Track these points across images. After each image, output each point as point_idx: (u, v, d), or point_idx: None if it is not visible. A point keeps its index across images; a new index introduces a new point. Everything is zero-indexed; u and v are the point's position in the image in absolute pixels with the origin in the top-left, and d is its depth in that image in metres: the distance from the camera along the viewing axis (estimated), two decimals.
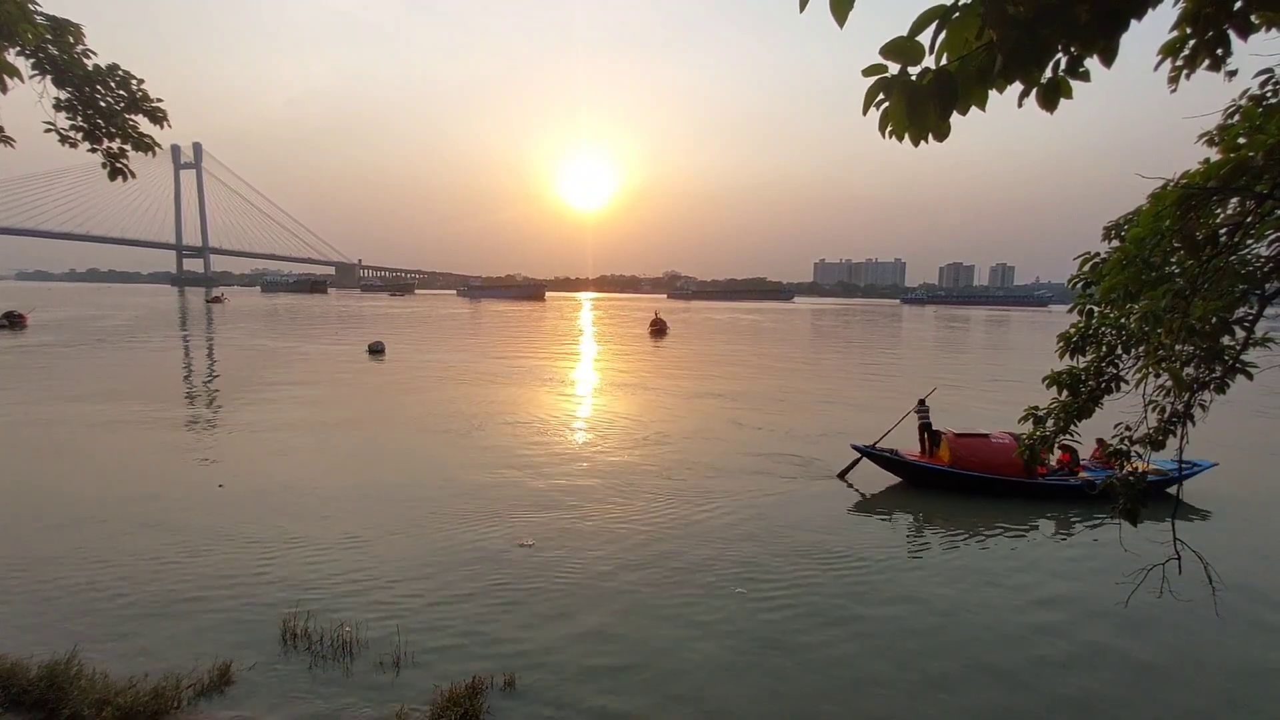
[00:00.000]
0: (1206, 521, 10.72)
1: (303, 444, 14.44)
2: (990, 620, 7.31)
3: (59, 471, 11.99)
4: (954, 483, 11.73)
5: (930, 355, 40.38)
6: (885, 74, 1.96)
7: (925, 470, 12.10)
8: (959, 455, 11.72)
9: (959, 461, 11.71)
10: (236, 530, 9.23)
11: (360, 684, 5.85)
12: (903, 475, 12.39)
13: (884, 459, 12.35)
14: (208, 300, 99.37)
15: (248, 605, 7.17)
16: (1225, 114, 3.74)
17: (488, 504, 10.64)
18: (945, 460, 11.95)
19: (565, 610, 7.28)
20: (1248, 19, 2.23)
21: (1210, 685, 6.26)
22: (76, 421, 15.93)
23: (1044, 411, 4.58)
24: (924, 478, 12.13)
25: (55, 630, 6.52)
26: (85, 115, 4.82)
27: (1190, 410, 3.81)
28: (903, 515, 11.00)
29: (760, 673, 6.22)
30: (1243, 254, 3.57)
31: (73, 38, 4.57)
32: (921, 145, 2.05)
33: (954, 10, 1.86)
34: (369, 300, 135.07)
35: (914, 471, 12.21)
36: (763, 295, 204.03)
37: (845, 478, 12.56)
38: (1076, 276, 4.33)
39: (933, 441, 12.69)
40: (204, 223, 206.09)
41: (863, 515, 10.93)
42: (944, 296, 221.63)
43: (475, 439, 15.19)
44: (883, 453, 12.39)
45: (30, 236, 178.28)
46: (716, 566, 8.49)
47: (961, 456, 11.69)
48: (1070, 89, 2.05)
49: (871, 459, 12.41)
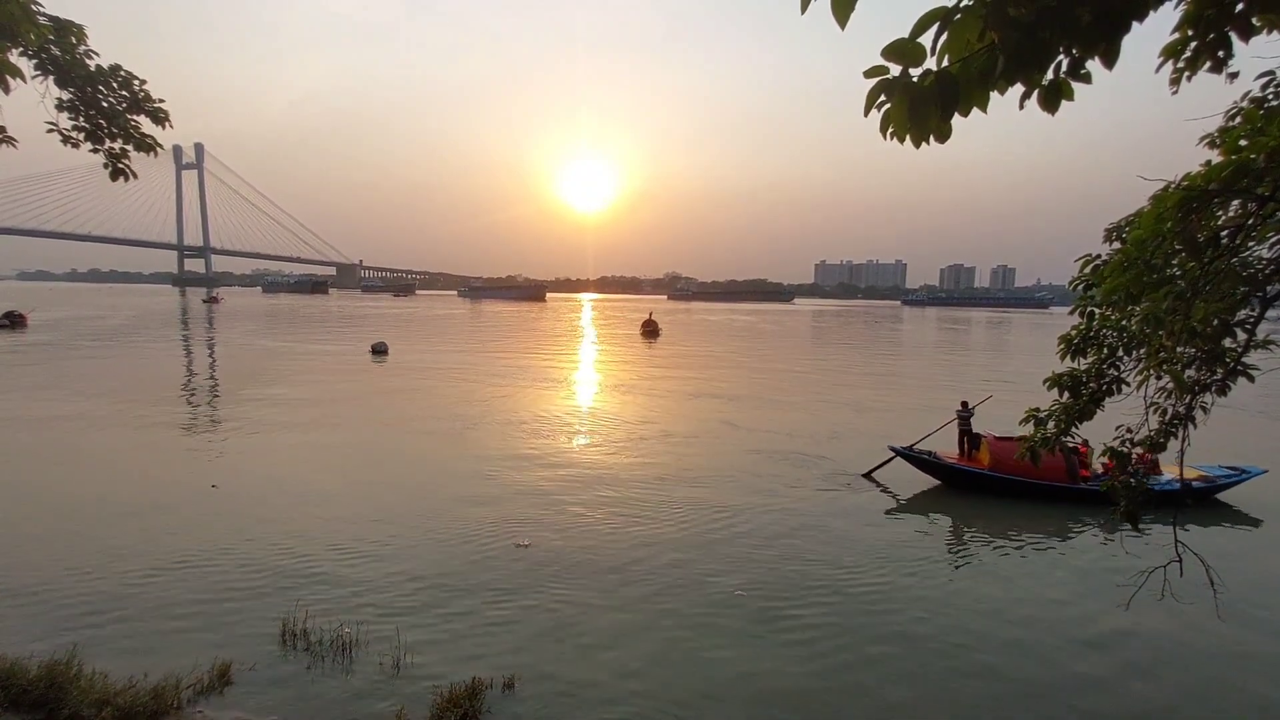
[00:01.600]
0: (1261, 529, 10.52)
1: (302, 444, 14.44)
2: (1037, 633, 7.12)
3: (56, 471, 11.99)
4: (995, 486, 11.49)
5: (930, 358, 40.36)
6: (887, 76, 1.96)
7: (965, 473, 11.89)
8: (1000, 459, 11.46)
9: (999, 465, 11.46)
10: (236, 530, 9.22)
11: (360, 684, 5.84)
12: (940, 478, 12.22)
13: (921, 461, 12.19)
14: (204, 300, 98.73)
15: (247, 606, 7.16)
16: (1226, 116, 3.74)
17: (487, 505, 10.63)
18: (985, 463, 11.74)
19: (567, 612, 7.26)
20: (1249, 21, 2.23)
21: None
22: (73, 420, 15.93)
23: (1045, 413, 4.58)
24: (963, 481, 11.92)
25: (54, 630, 6.51)
26: (87, 116, 4.82)
27: (1191, 412, 3.81)
28: (941, 518, 10.86)
29: (766, 676, 6.21)
30: (1244, 256, 3.57)
31: (75, 38, 4.57)
32: (923, 147, 2.05)
33: (955, 12, 1.86)
34: (370, 301, 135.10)
35: (953, 474, 12.01)
36: (763, 297, 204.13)
37: (872, 476, 12.45)
38: (1077, 278, 4.32)
39: (972, 444, 12.47)
40: (205, 223, 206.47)
41: (901, 517, 10.83)
42: (945, 298, 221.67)
43: (475, 440, 15.18)
44: (920, 454, 12.21)
45: (32, 236, 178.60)
46: (717, 568, 8.48)
47: (1002, 460, 11.40)
48: (1071, 91, 2.05)
49: (908, 460, 12.27)
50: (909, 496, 11.77)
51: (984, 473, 11.67)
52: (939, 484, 12.24)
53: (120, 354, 30.96)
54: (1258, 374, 3.72)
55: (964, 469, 11.95)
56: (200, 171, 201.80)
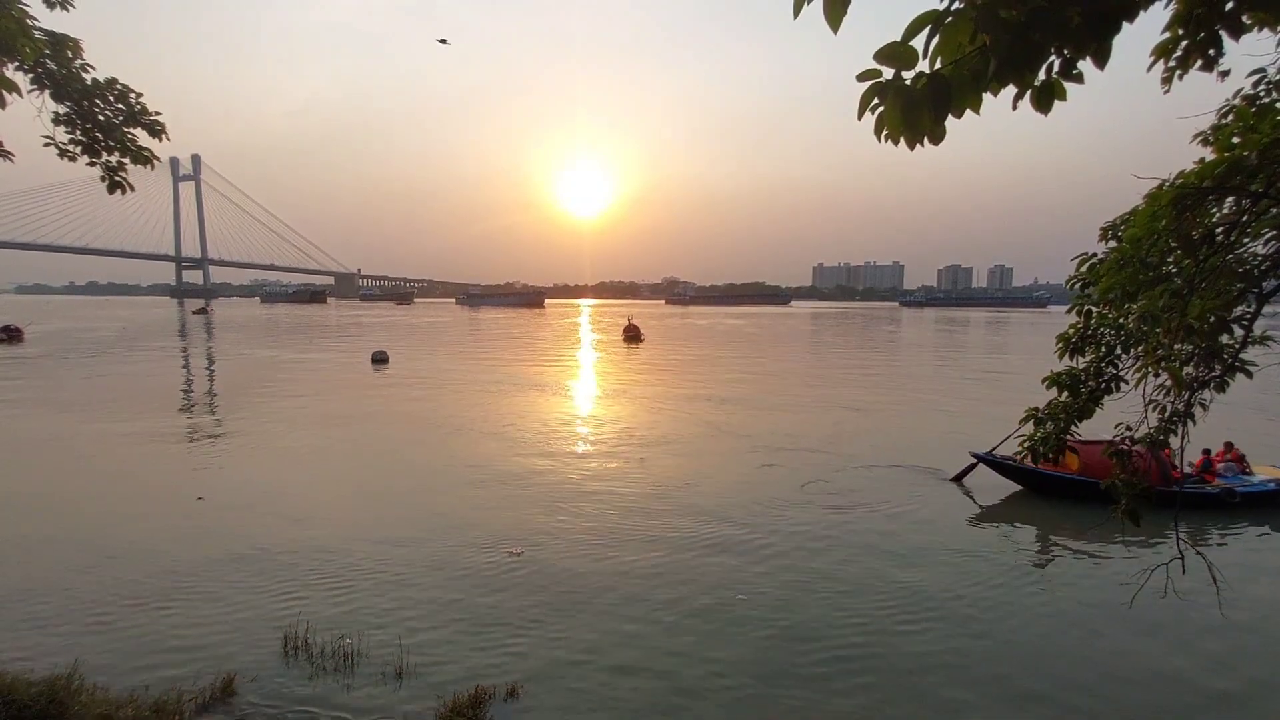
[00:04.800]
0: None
1: (299, 455, 14.42)
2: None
3: (51, 485, 11.95)
4: (1084, 492, 11.18)
5: (931, 357, 40.40)
6: (880, 79, 1.97)
7: (1054, 479, 11.64)
8: (1089, 463, 11.20)
9: (1089, 469, 11.18)
10: (235, 543, 9.20)
11: (363, 694, 5.82)
12: (1025, 483, 12.04)
13: (1005, 466, 12.00)
14: (194, 312, 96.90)
15: (248, 618, 7.13)
16: (1219, 114, 3.75)
17: (485, 511, 10.62)
18: (1074, 468, 11.53)
19: (569, 619, 7.24)
20: (1239, 19, 2.23)
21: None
22: (70, 433, 15.90)
23: (1044, 412, 4.57)
24: (1051, 486, 11.70)
25: (55, 644, 6.49)
26: (84, 129, 4.84)
27: (1191, 409, 3.80)
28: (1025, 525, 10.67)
29: (775, 680, 6.18)
30: (1239, 253, 3.57)
31: (71, 52, 4.59)
32: (917, 148, 2.06)
33: (947, 15, 1.87)
34: (369, 309, 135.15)
35: (1040, 480, 11.76)
36: (760, 299, 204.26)
37: (960, 482, 12.33)
38: (1074, 277, 4.33)
39: None
40: (203, 234, 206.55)
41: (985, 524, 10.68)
42: (943, 299, 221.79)
43: (471, 449, 15.17)
44: (1005, 460, 11.98)
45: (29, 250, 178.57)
46: (719, 571, 8.47)
47: (1092, 464, 11.12)
48: (1064, 91, 2.06)
49: (990, 466, 12.12)
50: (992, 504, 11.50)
51: (1075, 478, 11.38)
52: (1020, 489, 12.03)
53: (113, 366, 30.92)
54: (1255, 370, 3.72)
55: (1054, 474, 11.59)
56: (197, 183, 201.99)
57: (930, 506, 11.24)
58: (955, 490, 12.17)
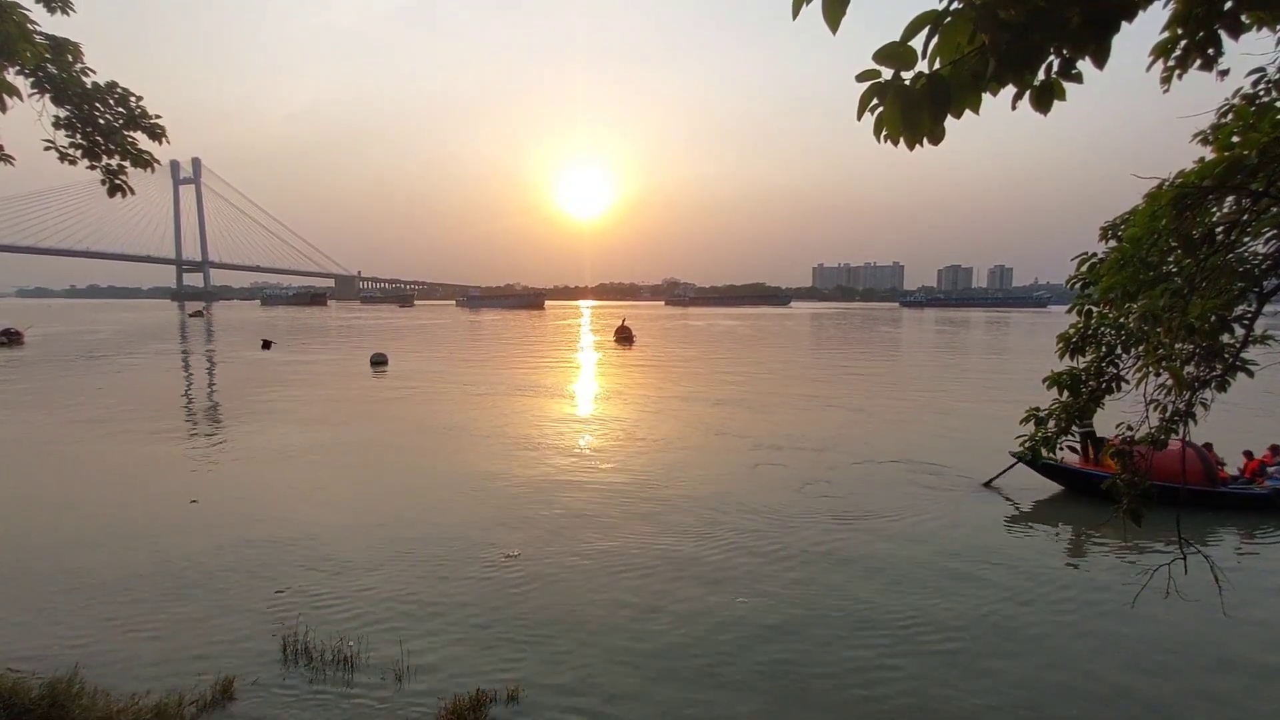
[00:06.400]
0: None
1: (297, 458, 14.40)
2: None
3: (49, 488, 11.94)
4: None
5: (930, 358, 40.38)
6: (879, 79, 1.97)
7: (1097, 478, 11.63)
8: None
9: None
10: (235, 545, 9.19)
11: (363, 697, 5.81)
12: (1066, 483, 11.96)
13: (1046, 466, 11.81)
14: (191, 315, 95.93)
15: (248, 621, 7.12)
16: (1219, 113, 3.75)
17: (485, 514, 10.60)
18: (1115, 468, 11.40)
19: (569, 619, 7.23)
20: (1238, 19, 2.23)
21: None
22: (68, 436, 15.91)
23: (1045, 412, 4.57)
24: (1093, 486, 11.40)
25: (56, 648, 6.48)
26: (84, 132, 4.85)
27: (1192, 409, 3.80)
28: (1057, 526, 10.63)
29: (780, 683, 6.18)
30: (1240, 252, 3.57)
31: (71, 56, 4.60)
32: (917, 149, 2.06)
33: (946, 15, 1.87)
34: (369, 311, 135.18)
35: (1082, 480, 11.65)
36: (760, 300, 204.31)
37: (993, 485, 12.22)
38: (1075, 277, 4.33)
39: (1096, 447, 11.90)
40: (203, 237, 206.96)
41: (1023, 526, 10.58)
42: (943, 299, 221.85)
43: (470, 452, 15.15)
44: (1047, 460, 11.92)
45: (30, 254, 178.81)
46: (720, 575, 8.45)
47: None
48: (1063, 91, 2.06)
49: (1031, 466, 11.90)
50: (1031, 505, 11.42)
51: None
52: (1061, 489, 11.95)
53: (111, 369, 30.91)
54: (1256, 369, 3.72)
55: (1096, 474, 11.34)
56: (198, 186, 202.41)
57: (960, 511, 11.09)
58: (969, 493, 12.05)
